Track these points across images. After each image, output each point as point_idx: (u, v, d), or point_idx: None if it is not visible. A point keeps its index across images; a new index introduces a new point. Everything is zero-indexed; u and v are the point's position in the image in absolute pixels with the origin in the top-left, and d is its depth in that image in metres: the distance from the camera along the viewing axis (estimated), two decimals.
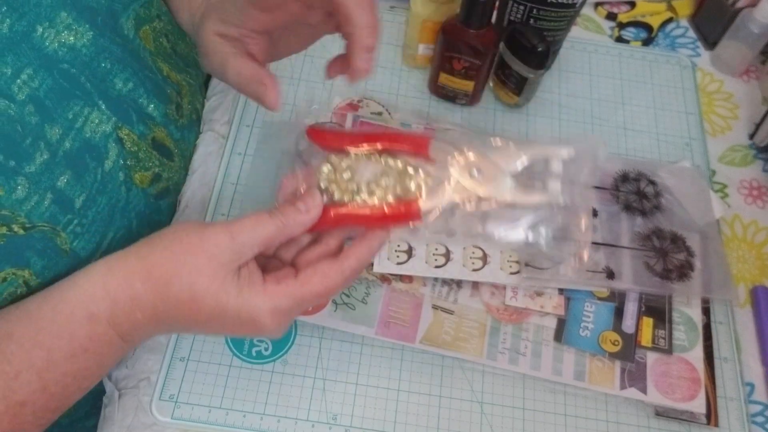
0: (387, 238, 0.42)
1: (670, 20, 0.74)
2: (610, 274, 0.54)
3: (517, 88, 0.62)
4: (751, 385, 0.54)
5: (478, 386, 0.52)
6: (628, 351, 0.53)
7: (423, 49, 0.65)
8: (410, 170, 0.42)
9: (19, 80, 0.39)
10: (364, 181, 0.42)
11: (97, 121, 0.45)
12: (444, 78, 0.63)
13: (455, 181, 0.41)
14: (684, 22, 0.75)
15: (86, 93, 0.45)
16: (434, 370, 0.53)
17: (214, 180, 0.59)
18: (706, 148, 0.65)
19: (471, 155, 0.41)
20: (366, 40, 0.39)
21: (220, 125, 0.62)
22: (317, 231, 0.42)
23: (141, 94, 0.50)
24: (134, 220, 0.50)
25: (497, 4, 0.60)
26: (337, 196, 0.41)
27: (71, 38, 0.43)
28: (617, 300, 0.55)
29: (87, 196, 0.44)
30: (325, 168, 0.42)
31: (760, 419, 0.53)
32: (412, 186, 0.41)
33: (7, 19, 0.39)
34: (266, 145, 0.59)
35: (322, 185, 0.42)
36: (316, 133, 0.43)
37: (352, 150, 0.43)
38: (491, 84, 0.66)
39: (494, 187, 0.40)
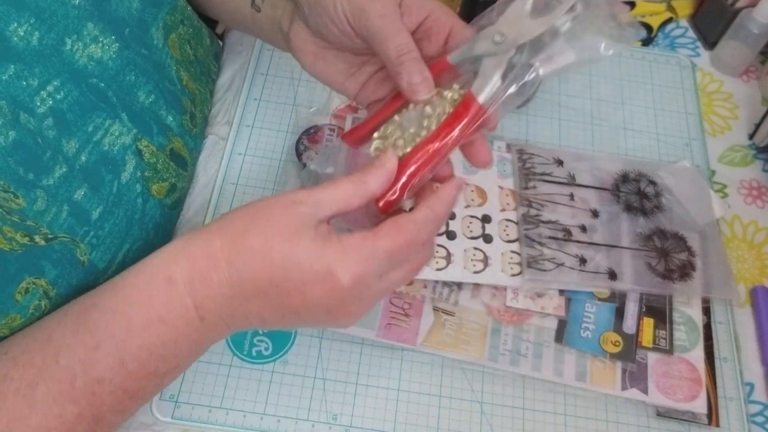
0: (456, 187, 0.39)
1: (669, 20, 0.74)
2: (612, 275, 0.54)
3: None
4: (751, 385, 0.54)
5: (478, 386, 0.52)
6: (629, 351, 0.53)
7: None
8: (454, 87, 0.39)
9: (43, 92, 0.39)
10: (414, 124, 0.39)
11: (117, 133, 0.46)
12: None
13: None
14: (684, 23, 0.75)
15: (111, 106, 0.45)
16: (434, 370, 0.53)
17: (215, 181, 0.59)
18: (706, 148, 0.65)
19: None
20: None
21: (219, 127, 0.62)
22: (395, 205, 0.39)
23: (161, 105, 0.50)
24: (151, 232, 0.51)
25: None
26: (399, 150, 0.39)
27: (98, 51, 0.43)
28: (618, 300, 0.55)
29: (104, 208, 0.44)
30: (375, 144, 0.41)
31: (759, 419, 0.53)
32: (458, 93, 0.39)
33: (36, 32, 0.39)
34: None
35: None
36: (350, 134, 0.42)
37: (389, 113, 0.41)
38: None
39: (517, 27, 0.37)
